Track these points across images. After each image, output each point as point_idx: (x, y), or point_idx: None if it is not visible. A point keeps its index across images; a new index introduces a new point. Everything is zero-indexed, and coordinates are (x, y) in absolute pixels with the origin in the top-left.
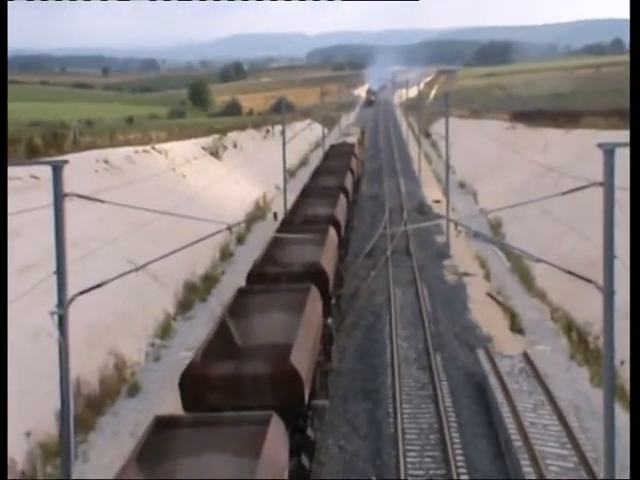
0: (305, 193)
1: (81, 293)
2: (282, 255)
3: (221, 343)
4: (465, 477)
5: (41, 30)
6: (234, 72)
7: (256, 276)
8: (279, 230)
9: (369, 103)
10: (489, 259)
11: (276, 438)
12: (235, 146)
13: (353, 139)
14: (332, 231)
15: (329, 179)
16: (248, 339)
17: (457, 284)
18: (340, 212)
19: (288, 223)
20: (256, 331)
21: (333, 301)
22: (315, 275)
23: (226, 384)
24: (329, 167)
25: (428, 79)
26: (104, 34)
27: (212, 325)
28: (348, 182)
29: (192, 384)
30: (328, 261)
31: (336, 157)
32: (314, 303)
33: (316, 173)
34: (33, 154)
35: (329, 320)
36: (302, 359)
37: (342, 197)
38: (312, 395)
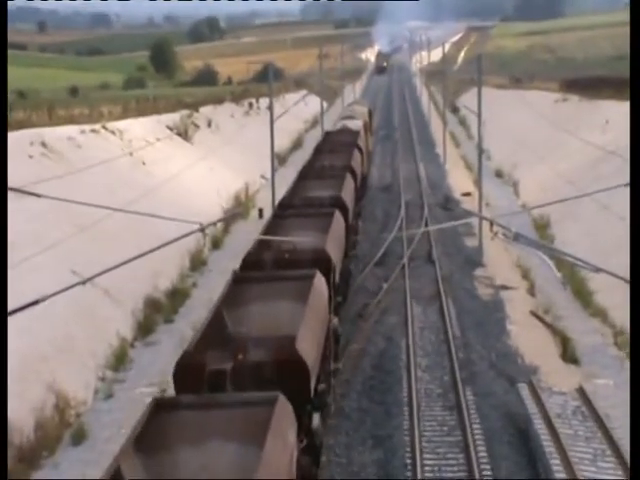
0: (281, 214)
1: (12, 313)
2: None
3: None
4: None
5: None
6: (208, 30)
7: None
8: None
9: (380, 70)
10: (534, 268)
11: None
12: (209, 125)
13: (357, 124)
14: (319, 275)
15: (318, 188)
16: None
17: (493, 300)
18: (333, 245)
19: (252, 264)
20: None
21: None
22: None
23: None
24: (319, 169)
25: (456, 38)
26: None
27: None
28: (346, 193)
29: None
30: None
31: (331, 152)
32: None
33: (301, 177)
34: None
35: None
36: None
37: (336, 219)
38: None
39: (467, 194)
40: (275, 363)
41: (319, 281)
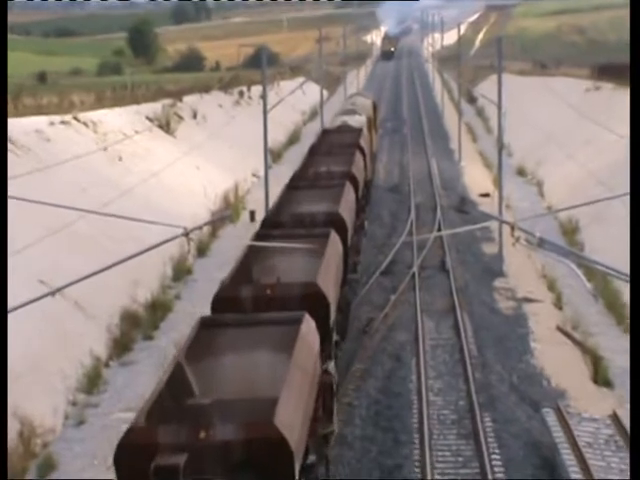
0: (265, 234)
1: None
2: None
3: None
4: None
5: None
6: (193, 10)
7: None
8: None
9: (387, 55)
10: (561, 278)
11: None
12: (195, 116)
13: (359, 120)
14: (308, 318)
15: (311, 201)
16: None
17: (514, 314)
18: (328, 277)
19: (226, 304)
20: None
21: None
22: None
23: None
24: (313, 177)
25: (473, 18)
26: None
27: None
28: (345, 207)
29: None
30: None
31: (328, 155)
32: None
33: (292, 187)
34: None
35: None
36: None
37: (332, 243)
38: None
39: (485, 195)
40: (247, 443)
41: (307, 326)
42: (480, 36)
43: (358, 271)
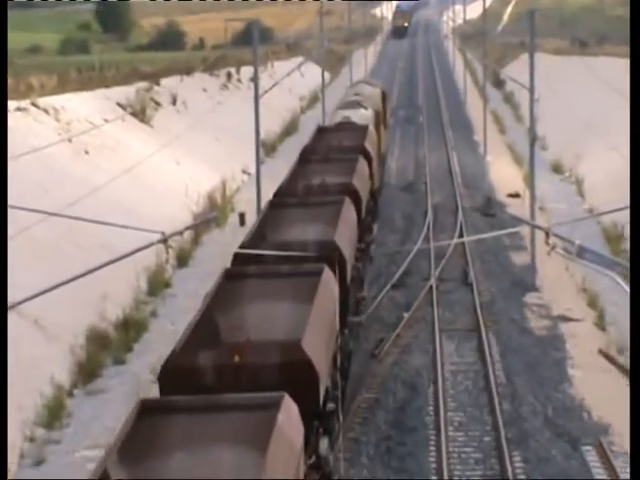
0: (239, 272)
1: None
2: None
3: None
4: None
5: None
6: None
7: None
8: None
9: (400, 31)
10: (604, 293)
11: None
12: (174, 102)
13: (364, 115)
14: (288, 400)
15: (299, 226)
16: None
17: (549, 335)
18: (317, 337)
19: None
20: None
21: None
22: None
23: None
24: (303, 192)
25: None
26: None
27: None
28: (344, 235)
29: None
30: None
31: (324, 162)
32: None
33: (275, 205)
34: None
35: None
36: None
37: (324, 287)
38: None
39: (515, 195)
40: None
41: (287, 412)
42: (509, 9)
43: (362, 311)
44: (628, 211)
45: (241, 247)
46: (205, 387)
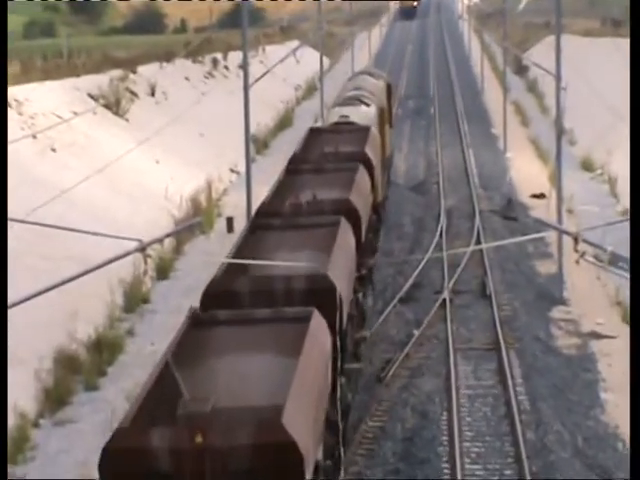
0: (209, 319)
1: None
2: None
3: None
4: None
5: None
6: None
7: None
8: None
9: (408, 12)
10: None
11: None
12: (153, 93)
13: (365, 112)
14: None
15: (285, 256)
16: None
17: (579, 355)
18: (302, 401)
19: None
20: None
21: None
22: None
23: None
24: (291, 212)
25: None
26: None
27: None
28: (337, 266)
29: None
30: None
31: (315, 172)
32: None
33: (256, 227)
34: None
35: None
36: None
37: (312, 338)
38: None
39: (540, 196)
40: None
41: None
42: None
43: (363, 354)
44: None
45: (212, 283)
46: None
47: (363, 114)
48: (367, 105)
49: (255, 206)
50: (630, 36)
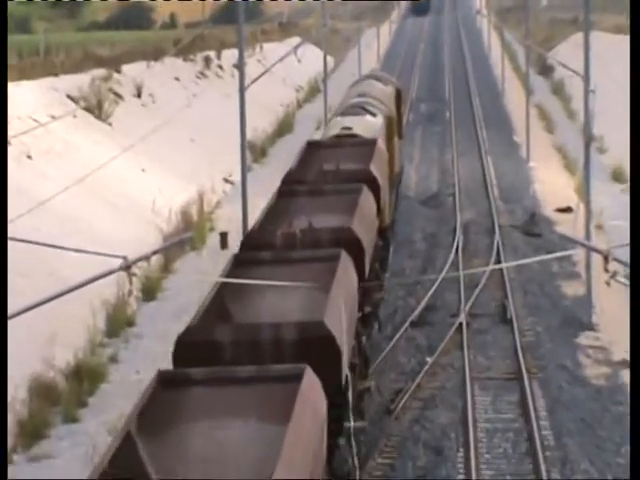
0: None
1: None
2: None
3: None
4: None
5: None
6: None
7: None
8: None
9: (420, 7)
10: None
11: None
12: (139, 94)
13: (371, 123)
14: None
15: (273, 297)
16: None
17: (609, 386)
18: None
19: None
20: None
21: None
22: None
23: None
24: (281, 244)
25: None
26: None
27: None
28: (335, 313)
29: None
30: None
31: (311, 194)
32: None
33: (239, 264)
34: None
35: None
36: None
37: (301, 409)
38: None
39: (566, 210)
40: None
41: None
42: None
43: (366, 410)
44: None
45: (187, 330)
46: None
47: (368, 125)
48: (373, 115)
49: (252, 220)
50: (630, 36)
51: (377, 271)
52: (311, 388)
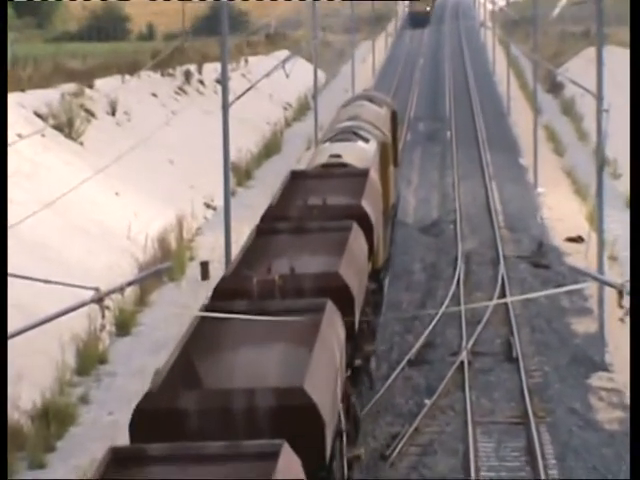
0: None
1: None
2: None
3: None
4: None
5: None
6: None
7: None
8: None
9: (418, 19)
10: None
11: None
12: (113, 112)
13: (364, 151)
14: None
15: (249, 358)
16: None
17: (624, 431)
18: None
19: None
20: None
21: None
22: None
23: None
24: (260, 292)
25: None
26: None
27: None
28: (317, 380)
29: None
30: None
31: (294, 233)
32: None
33: (205, 323)
34: None
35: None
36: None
37: None
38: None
39: (577, 239)
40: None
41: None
42: None
43: None
44: None
45: (146, 397)
46: None
47: (360, 153)
48: (365, 140)
49: (235, 249)
50: (630, 36)
51: (369, 319)
52: (289, 468)
